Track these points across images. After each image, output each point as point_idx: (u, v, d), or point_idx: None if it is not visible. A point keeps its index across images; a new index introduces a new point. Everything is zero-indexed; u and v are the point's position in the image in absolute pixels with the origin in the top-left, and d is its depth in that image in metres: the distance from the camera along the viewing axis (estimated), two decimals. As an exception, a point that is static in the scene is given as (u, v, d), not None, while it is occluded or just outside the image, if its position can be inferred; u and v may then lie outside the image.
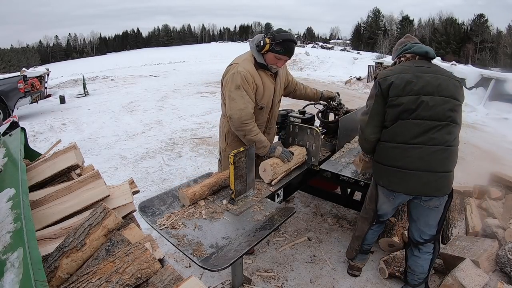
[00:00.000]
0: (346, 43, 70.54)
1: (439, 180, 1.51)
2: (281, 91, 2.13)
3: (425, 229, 1.67)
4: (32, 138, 4.90)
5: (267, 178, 1.91)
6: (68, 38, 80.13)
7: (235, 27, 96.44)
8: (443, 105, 1.48)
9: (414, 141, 1.50)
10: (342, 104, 2.57)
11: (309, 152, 2.17)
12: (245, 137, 1.88)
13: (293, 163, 2.04)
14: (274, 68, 1.91)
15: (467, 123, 7.20)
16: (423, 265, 1.71)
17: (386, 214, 1.81)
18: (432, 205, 1.60)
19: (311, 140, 2.14)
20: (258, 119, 2.01)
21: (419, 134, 1.49)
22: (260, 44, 1.81)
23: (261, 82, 1.90)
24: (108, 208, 1.13)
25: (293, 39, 1.85)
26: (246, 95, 1.82)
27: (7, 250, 0.85)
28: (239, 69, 1.82)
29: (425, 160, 1.49)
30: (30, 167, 1.50)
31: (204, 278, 1.97)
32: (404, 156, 1.52)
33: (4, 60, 51.33)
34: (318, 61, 19.19)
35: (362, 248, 1.95)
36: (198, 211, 1.64)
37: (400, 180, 1.55)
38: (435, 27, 51.29)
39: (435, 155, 1.48)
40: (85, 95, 9.16)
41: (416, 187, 1.53)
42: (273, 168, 1.89)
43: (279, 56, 1.83)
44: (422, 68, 1.56)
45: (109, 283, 0.96)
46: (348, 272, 2.06)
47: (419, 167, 1.50)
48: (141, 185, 3.19)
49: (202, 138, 4.90)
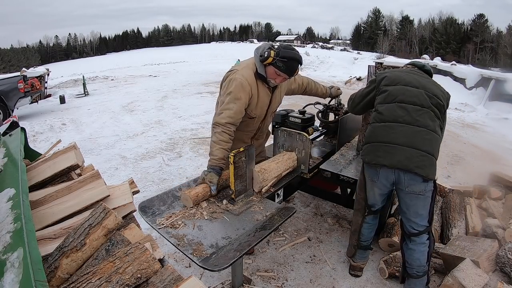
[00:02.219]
0: (346, 43, 70.48)
1: (422, 157, 1.59)
2: (279, 101, 2.08)
3: (416, 220, 1.70)
4: (32, 138, 4.91)
5: (256, 186, 1.81)
6: (68, 38, 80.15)
7: (235, 27, 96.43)
8: (426, 97, 1.67)
9: (400, 119, 1.65)
10: (342, 104, 2.57)
11: (298, 159, 2.09)
12: (211, 137, 1.80)
13: (283, 169, 1.96)
14: (272, 83, 1.84)
15: (467, 123, 7.21)
16: (420, 258, 1.72)
17: (375, 204, 1.86)
18: (417, 191, 1.64)
19: (300, 146, 2.06)
20: (249, 127, 1.99)
21: (404, 115, 1.65)
22: (264, 55, 1.76)
23: (257, 92, 1.85)
24: (108, 208, 1.13)
25: (297, 59, 1.77)
26: (234, 103, 1.76)
27: (7, 250, 0.85)
28: (236, 76, 1.79)
29: (409, 137, 1.61)
30: (30, 167, 1.50)
31: (204, 278, 1.97)
32: (391, 132, 1.66)
33: (4, 60, 51.32)
34: (318, 61, 19.23)
35: (360, 244, 1.97)
36: (199, 212, 1.63)
37: (385, 153, 1.66)
38: (435, 27, 51.23)
39: (419, 134, 1.61)
40: (85, 95, 9.17)
41: (400, 160, 1.61)
42: (261, 174, 1.78)
43: (279, 73, 1.77)
44: (416, 74, 1.81)
45: (109, 283, 0.96)
46: (350, 272, 2.06)
47: (404, 143, 1.62)
48: (141, 185, 3.19)
49: (202, 138, 4.90)
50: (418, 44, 50.96)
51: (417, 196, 1.66)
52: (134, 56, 38.73)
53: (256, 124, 2.02)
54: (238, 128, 1.89)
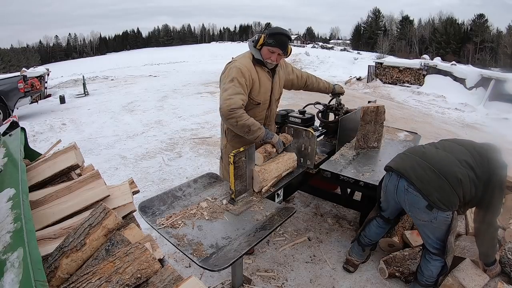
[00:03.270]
0: (346, 43, 70.49)
1: (428, 174, 1.49)
2: (279, 90, 2.14)
3: (427, 241, 1.65)
4: (32, 138, 4.90)
5: (256, 186, 1.82)
6: (68, 38, 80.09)
7: (235, 27, 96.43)
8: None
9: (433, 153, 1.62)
10: (342, 104, 2.57)
11: (304, 155, 2.14)
12: (238, 123, 1.80)
13: (283, 169, 1.97)
14: (270, 63, 1.93)
15: (467, 123, 7.21)
16: (432, 269, 1.69)
17: (386, 209, 1.85)
18: (420, 218, 1.55)
19: (306, 142, 2.11)
20: (256, 115, 2.02)
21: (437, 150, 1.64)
22: (255, 39, 1.92)
23: (257, 77, 1.94)
24: (108, 208, 1.13)
25: (285, 33, 1.91)
26: (239, 87, 1.83)
27: (7, 250, 0.85)
28: (235, 64, 1.89)
29: (431, 154, 1.57)
30: (30, 167, 1.50)
31: (204, 278, 1.97)
32: (420, 147, 1.67)
33: (4, 60, 51.28)
34: (318, 61, 19.21)
35: (360, 238, 1.97)
36: (199, 212, 1.64)
37: (398, 158, 1.66)
38: (435, 27, 51.23)
39: (445, 157, 1.55)
40: (85, 95, 9.16)
41: (404, 166, 1.57)
42: (261, 174, 1.78)
43: (272, 49, 1.87)
44: None
45: (109, 283, 0.95)
46: (343, 266, 2.06)
47: (421, 156, 1.57)
48: (141, 185, 3.19)
49: (202, 138, 4.90)
50: (418, 44, 50.94)
51: (422, 224, 1.56)
52: (134, 56, 38.75)
53: (263, 112, 2.06)
54: None
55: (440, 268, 1.67)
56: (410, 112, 7.71)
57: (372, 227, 1.93)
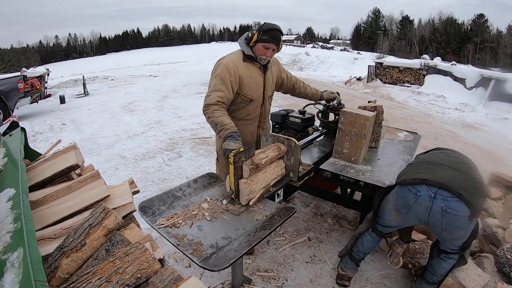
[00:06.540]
0: (346, 43, 70.49)
1: (467, 181, 1.44)
2: (272, 87, 2.14)
3: (450, 247, 1.62)
4: (32, 138, 4.90)
5: (243, 198, 1.66)
6: (68, 38, 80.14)
7: (235, 27, 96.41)
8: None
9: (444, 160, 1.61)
10: (342, 104, 2.57)
11: (287, 167, 1.90)
12: (208, 119, 1.82)
13: (271, 178, 1.79)
14: (264, 59, 1.94)
15: (467, 123, 7.21)
16: (446, 268, 1.69)
17: (389, 225, 1.73)
18: (455, 235, 1.50)
19: (289, 153, 1.87)
20: (250, 113, 2.03)
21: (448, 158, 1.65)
22: (248, 37, 1.92)
23: (248, 73, 1.94)
24: (108, 208, 1.13)
25: (278, 28, 1.92)
26: (220, 84, 1.84)
27: (7, 250, 0.85)
28: (222, 61, 1.92)
29: (455, 164, 1.55)
30: (30, 167, 1.50)
31: (204, 278, 1.97)
32: (435, 156, 1.66)
33: (4, 60, 51.30)
34: (318, 61, 19.21)
35: (352, 253, 1.90)
36: (200, 212, 1.63)
37: (426, 170, 1.53)
38: (435, 27, 51.23)
39: (465, 165, 1.56)
40: (85, 95, 9.16)
41: (443, 176, 1.44)
42: (247, 186, 1.63)
43: (267, 45, 1.89)
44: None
45: (109, 283, 0.95)
46: (337, 282, 1.96)
47: (449, 164, 1.54)
48: (141, 185, 3.19)
49: (202, 138, 4.90)
50: (418, 44, 50.94)
51: (455, 237, 1.52)
52: (134, 56, 38.73)
53: (257, 109, 2.06)
54: (241, 117, 2.00)
55: (451, 265, 1.68)
56: (410, 112, 7.71)
57: (365, 242, 1.84)
